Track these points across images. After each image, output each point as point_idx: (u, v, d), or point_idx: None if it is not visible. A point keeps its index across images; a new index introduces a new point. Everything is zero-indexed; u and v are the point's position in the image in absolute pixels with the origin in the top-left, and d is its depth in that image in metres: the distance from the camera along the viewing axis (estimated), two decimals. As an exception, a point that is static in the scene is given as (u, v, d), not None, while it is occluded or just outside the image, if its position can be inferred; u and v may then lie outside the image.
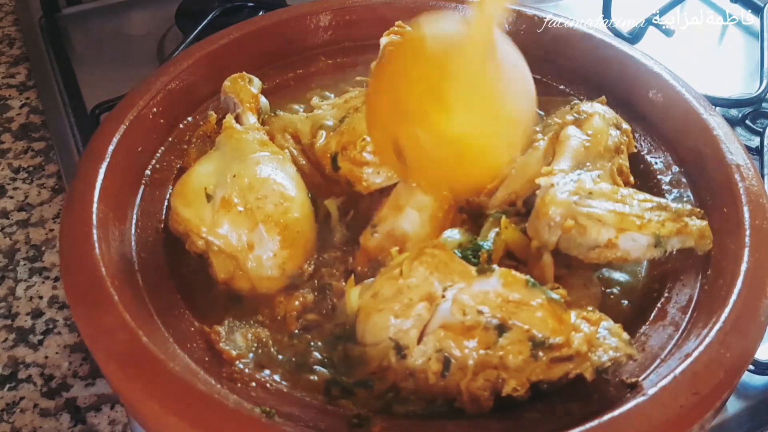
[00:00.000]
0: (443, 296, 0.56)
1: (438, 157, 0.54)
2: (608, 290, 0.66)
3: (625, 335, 0.56)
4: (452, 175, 0.57)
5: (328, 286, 0.65)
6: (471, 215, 0.70)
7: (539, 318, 0.54)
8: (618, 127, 0.73)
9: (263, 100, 0.79)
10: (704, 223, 0.63)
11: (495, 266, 0.57)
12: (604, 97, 0.78)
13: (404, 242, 0.66)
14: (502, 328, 0.54)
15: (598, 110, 0.73)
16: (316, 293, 0.65)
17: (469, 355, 0.55)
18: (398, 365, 0.57)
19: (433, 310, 0.55)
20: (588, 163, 0.68)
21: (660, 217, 0.63)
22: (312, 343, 0.61)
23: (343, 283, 0.64)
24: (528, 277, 0.56)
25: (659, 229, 0.62)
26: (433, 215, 0.68)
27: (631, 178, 0.71)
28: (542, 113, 0.86)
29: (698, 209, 0.65)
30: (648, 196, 0.65)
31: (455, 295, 0.55)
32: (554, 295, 0.55)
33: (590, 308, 0.58)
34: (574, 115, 0.72)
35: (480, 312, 0.54)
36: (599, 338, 0.55)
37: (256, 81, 0.79)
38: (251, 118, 0.75)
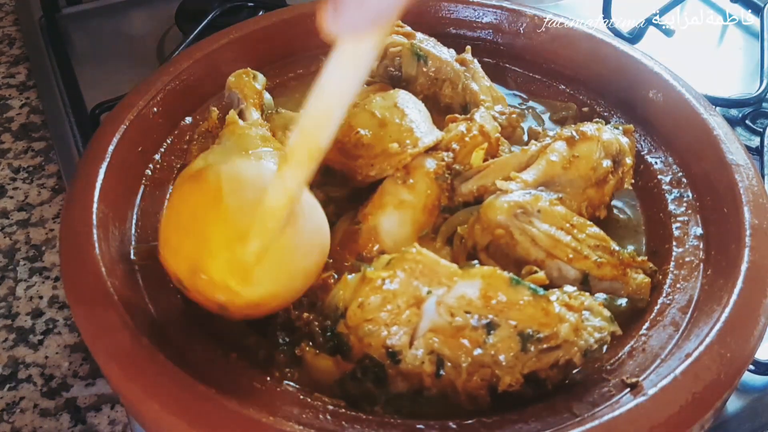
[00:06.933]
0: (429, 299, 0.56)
1: (235, 310, 0.56)
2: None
3: (606, 312, 0.57)
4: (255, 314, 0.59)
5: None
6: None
7: (526, 314, 0.54)
8: (616, 160, 0.70)
9: (267, 96, 0.79)
10: (646, 279, 0.63)
11: (476, 263, 0.57)
12: (632, 126, 0.75)
13: (386, 240, 0.67)
14: (490, 327, 0.54)
15: (599, 136, 0.70)
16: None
17: (460, 355, 0.55)
18: (392, 370, 0.57)
19: (421, 313, 0.55)
20: (558, 183, 0.68)
21: (600, 258, 0.63)
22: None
23: (331, 281, 0.64)
24: (511, 275, 0.56)
25: (592, 268, 0.62)
26: (416, 215, 0.68)
27: (603, 212, 0.70)
28: (547, 112, 0.87)
29: (650, 264, 0.65)
30: (601, 234, 0.65)
31: (441, 298, 0.55)
32: (538, 289, 0.55)
33: (572, 290, 0.57)
34: (573, 132, 0.70)
35: (467, 312, 0.55)
36: (583, 322, 0.55)
37: (261, 77, 0.79)
38: (254, 114, 0.75)
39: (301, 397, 0.57)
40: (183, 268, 0.56)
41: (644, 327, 0.61)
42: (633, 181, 0.74)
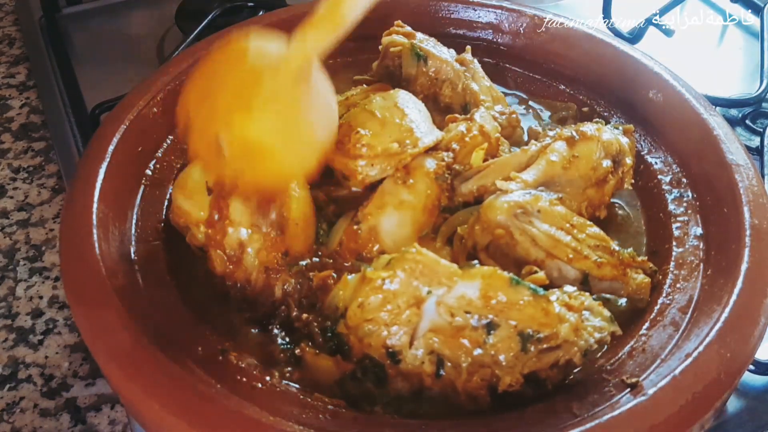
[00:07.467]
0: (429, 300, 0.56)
1: (232, 154, 0.57)
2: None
3: (606, 312, 0.57)
4: (249, 173, 0.59)
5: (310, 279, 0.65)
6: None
7: (526, 314, 0.54)
8: (616, 160, 0.71)
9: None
10: (646, 279, 0.63)
11: (476, 263, 0.57)
12: (632, 126, 0.76)
13: (386, 240, 0.67)
14: (490, 327, 0.55)
15: (599, 136, 0.70)
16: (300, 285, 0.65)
17: (460, 355, 0.55)
18: (392, 370, 0.57)
19: (421, 313, 0.56)
20: (558, 183, 0.68)
21: (601, 258, 0.63)
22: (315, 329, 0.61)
23: (331, 281, 0.64)
24: (511, 275, 0.56)
25: (592, 268, 0.62)
26: (416, 215, 0.68)
27: (603, 212, 0.71)
28: (547, 112, 0.87)
29: (650, 264, 0.65)
30: (601, 234, 0.65)
31: (441, 298, 0.55)
32: (538, 289, 0.55)
33: (572, 290, 0.58)
34: (573, 132, 0.71)
35: (467, 312, 0.55)
36: (583, 323, 0.55)
37: None
38: None
39: (301, 397, 0.57)
40: (194, 99, 0.58)
41: (644, 327, 0.61)
42: (633, 181, 0.74)
